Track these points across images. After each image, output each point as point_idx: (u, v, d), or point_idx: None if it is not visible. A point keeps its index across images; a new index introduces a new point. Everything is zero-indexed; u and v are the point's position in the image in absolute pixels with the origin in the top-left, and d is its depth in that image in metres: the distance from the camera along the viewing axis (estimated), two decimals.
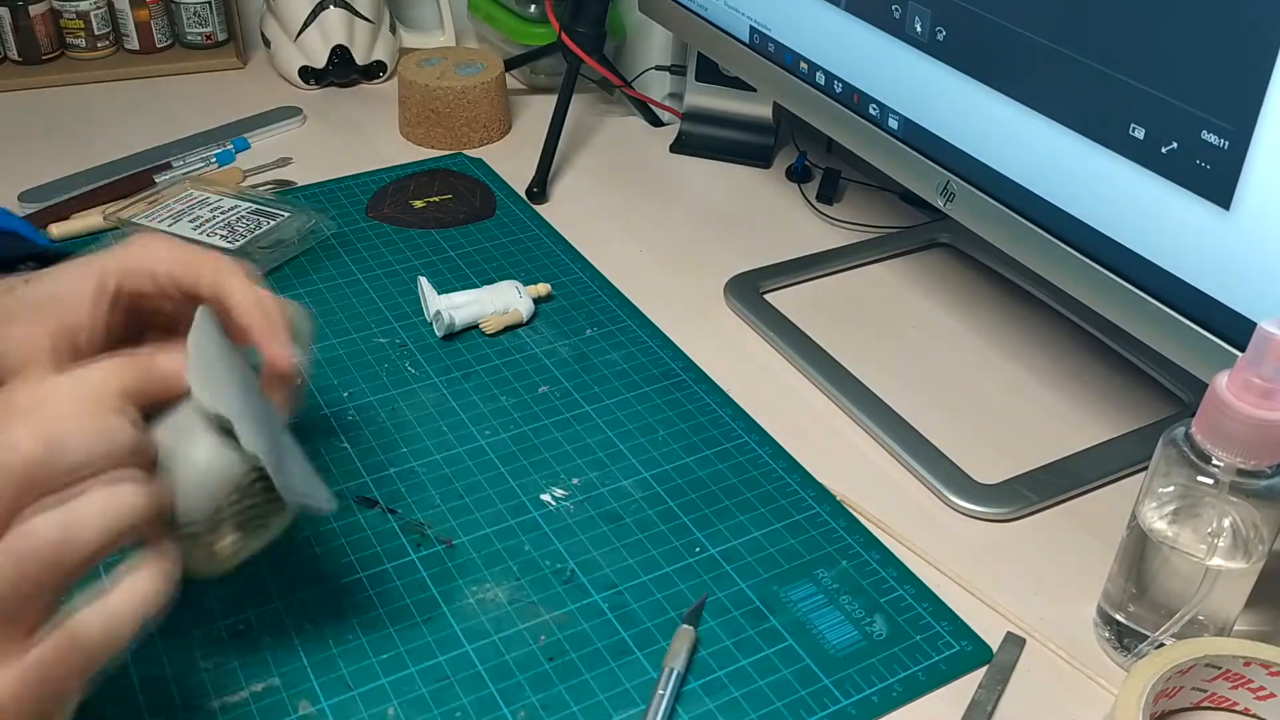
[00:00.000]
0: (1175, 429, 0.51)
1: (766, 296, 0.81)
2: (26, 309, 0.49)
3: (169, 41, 1.13)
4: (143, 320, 0.52)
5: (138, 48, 1.11)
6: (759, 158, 0.99)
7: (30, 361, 0.47)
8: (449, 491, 0.63)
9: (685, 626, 0.55)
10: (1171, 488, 0.52)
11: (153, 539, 0.43)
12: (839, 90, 0.75)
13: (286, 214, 0.84)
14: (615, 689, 0.53)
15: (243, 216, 0.83)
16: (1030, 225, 0.62)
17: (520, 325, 0.77)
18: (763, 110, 0.99)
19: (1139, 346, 0.70)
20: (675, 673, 0.53)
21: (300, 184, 0.93)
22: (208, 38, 1.12)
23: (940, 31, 0.64)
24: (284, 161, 0.96)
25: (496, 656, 0.54)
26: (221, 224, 0.82)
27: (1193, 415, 0.50)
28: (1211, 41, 0.50)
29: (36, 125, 1.01)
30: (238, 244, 0.80)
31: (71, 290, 0.49)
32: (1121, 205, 0.57)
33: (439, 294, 0.76)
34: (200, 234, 0.81)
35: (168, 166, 0.93)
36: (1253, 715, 0.53)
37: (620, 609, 0.57)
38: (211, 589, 0.46)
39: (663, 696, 0.52)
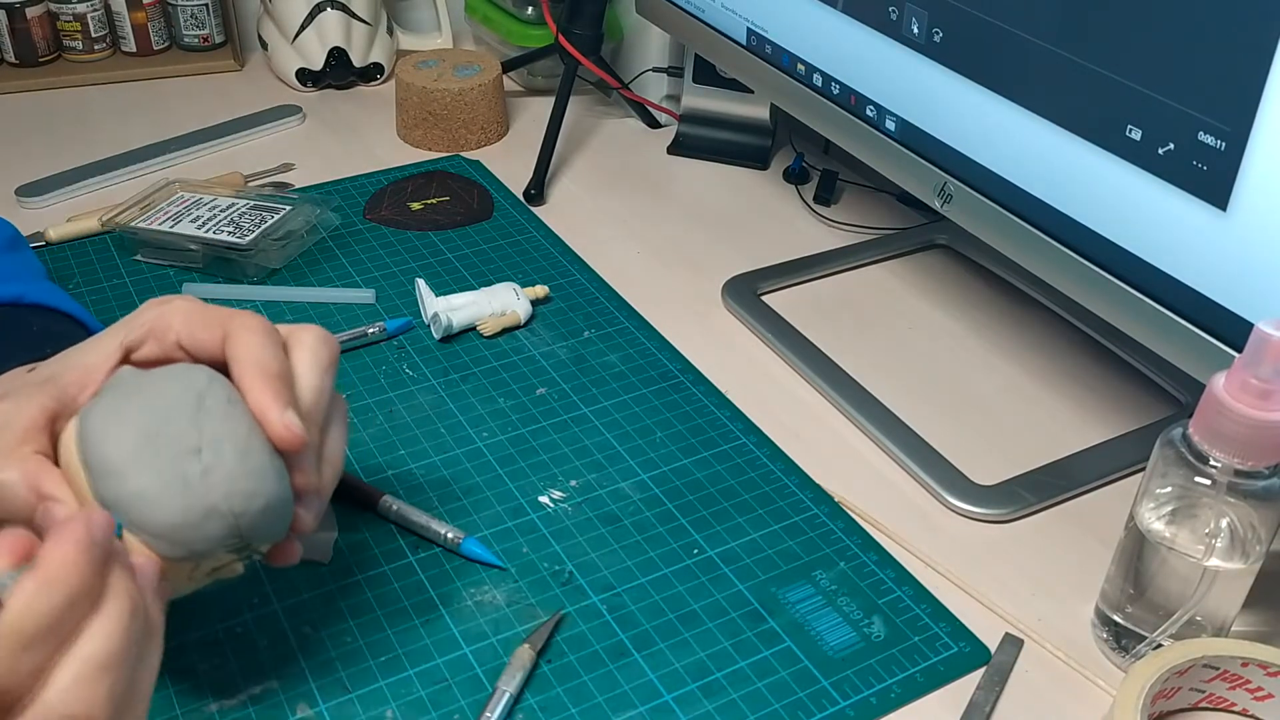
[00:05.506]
0: (1173, 430, 0.51)
1: (764, 298, 0.81)
2: (27, 385, 0.46)
3: (166, 44, 1.12)
4: None
5: (135, 50, 1.11)
6: (756, 159, 0.99)
7: (8, 430, 0.44)
8: (447, 493, 0.63)
9: (524, 647, 0.53)
10: (1169, 488, 0.52)
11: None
12: (836, 92, 0.75)
13: (289, 207, 0.83)
14: (614, 691, 0.53)
15: (245, 212, 0.82)
16: (1027, 227, 0.63)
17: (518, 327, 0.77)
18: (760, 112, 0.99)
19: (1136, 347, 0.70)
20: (508, 695, 0.51)
21: (298, 186, 0.92)
22: (204, 40, 1.12)
23: (937, 33, 0.64)
24: (286, 167, 0.95)
25: (495, 659, 0.54)
26: (226, 221, 0.81)
27: (1190, 416, 0.50)
28: (1208, 42, 0.50)
29: (33, 128, 1.00)
30: (248, 239, 0.79)
31: (74, 365, 0.47)
32: (1118, 206, 0.57)
33: (436, 296, 0.76)
34: (206, 232, 0.80)
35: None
36: (1251, 716, 0.54)
37: (618, 611, 0.57)
38: (208, 592, 0.46)
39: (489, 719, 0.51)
